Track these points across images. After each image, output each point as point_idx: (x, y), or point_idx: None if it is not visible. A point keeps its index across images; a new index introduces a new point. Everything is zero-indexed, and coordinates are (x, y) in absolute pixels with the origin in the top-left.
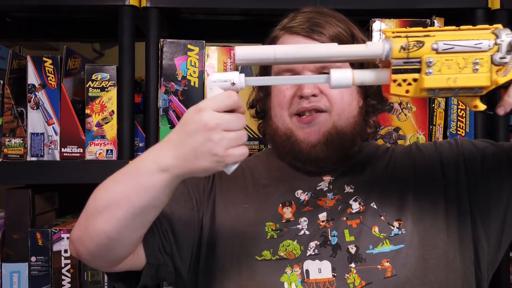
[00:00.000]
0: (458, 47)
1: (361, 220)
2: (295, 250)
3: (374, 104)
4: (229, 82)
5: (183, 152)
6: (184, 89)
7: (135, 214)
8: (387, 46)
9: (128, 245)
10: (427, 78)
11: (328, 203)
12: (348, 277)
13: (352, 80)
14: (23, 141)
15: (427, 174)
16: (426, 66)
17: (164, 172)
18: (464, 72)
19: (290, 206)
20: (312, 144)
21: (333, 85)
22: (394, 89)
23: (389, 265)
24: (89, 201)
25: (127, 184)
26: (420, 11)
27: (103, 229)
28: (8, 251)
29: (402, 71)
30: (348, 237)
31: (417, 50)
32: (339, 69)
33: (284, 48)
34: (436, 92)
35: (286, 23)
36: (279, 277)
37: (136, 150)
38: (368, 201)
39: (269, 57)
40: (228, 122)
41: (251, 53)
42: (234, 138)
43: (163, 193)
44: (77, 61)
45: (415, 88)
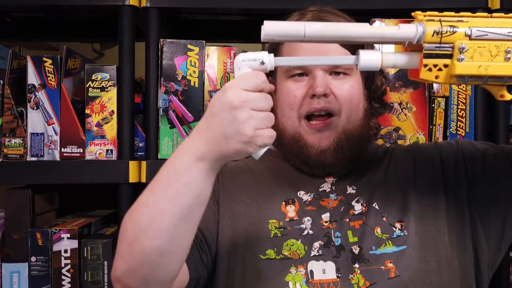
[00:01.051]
0: (491, 34)
1: (363, 221)
2: (299, 250)
3: (376, 108)
4: (258, 61)
5: (212, 135)
6: (184, 89)
7: (184, 216)
8: (421, 29)
9: (181, 256)
10: (458, 65)
11: (331, 204)
12: (352, 277)
13: (381, 62)
14: (23, 141)
15: (428, 175)
16: (459, 52)
17: (201, 161)
18: (496, 60)
19: (293, 204)
20: (322, 150)
21: (361, 66)
22: (424, 74)
23: (393, 265)
24: (124, 227)
25: (166, 189)
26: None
27: (154, 246)
28: (8, 251)
29: (434, 56)
30: (352, 238)
31: (450, 35)
32: (369, 50)
33: (315, 25)
34: (466, 79)
35: (296, 21)
36: (284, 277)
37: (136, 150)
38: (370, 202)
39: (299, 34)
40: (255, 101)
41: (280, 28)
42: (262, 118)
43: (205, 184)
44: (77, 61)
45: (446, 74)
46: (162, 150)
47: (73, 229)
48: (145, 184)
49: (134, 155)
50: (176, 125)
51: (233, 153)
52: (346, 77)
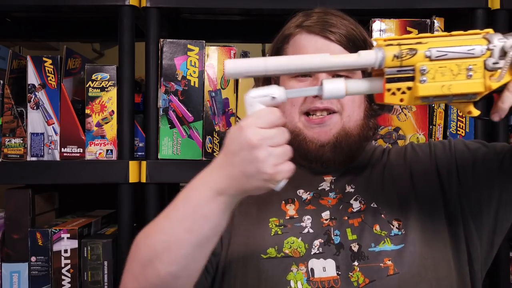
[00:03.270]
0: (451, 54)
1: (362, 218)
2: (300, 248)
3: (375, 109)
4: (269, 97)
5: (232, 173)
6: (184, 89)
7: (200, 245)
8: (380, 55)
9: (195, 277)
10: (421, 86)
11: (330, 202)
12: (352, 275)
13: (345, 90)
14: (23, 141)
15: (423, 176)
16: (420, 74)
17: (220, 196)
18: (458, 79)
19: (293, 203)
20: (321, 144)
21: (325, 96)
22: (388, 98)
23: (391, 263)
24: (138, 248)
25: (184, 218)
26: (420, 11)
27: (169, 272)
28: (8, 251)
29: (396, 80)
30: (350, 235)
31: (410, 58)
32: (331, 79)
33: (276, 60)
34: (431, 99)
35: (302, 22)
36: (285, 275)
37: (136, 150)
38: (368, 200)
39: (261, 70)
40: (272, 138)
41: (241, 66)
42: (280, 154)
43: (223, 217)
44: (77, 61)
45: (410, 96)
46: (162, 150)
47: (73, 229)
48: (145, 184)
49: (134, 155)
50: (176, 125)
51: (254, 190)
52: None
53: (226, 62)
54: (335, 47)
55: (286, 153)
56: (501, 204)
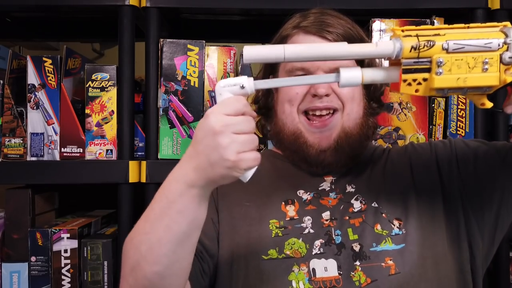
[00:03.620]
0: (468, 47)
1: (363, 218)
2: (301, 248)
3: (374, 107)
4: (238, 86)
5: (198, 163)
6: (184, 89)
7: (180, 241)
8: (398, 46)
9: (182, 277)
10: (437, 78)
11: (331, 202)
12: (353, 275)
13: (361, 78)
14: (23, 141)
15: (424, 174)
16: (437, 66)
17: (192, 188)
18: (474, 72)
19: (293, 204)
20: (322, 150)
21: (342, 84)
22: (404, 89)
23: (392, 263)
24: (126, 253)
25: (161, 217)
26: (420, 11)
27: (154, 271)
28: (8, 251)
29: (412, 71)
30: (352, 235)
31: (427, 50)
32: (349, 68)
33: (294, 47)
34: (446, 91)
35: (299, 22)
36: (287, 276)
37: (136, 150)
38: (369, 199)
39: (279, 57)
40: (236, 124)
41: (260, 52)
42: (244, 142)
43: (199, 210)
44: (77, 61)
45: (425, 88)
46: (162, 150)
47: (73, 229)
48: (145, 184)
49: (134, 155)
50: (176, 125)
51: (219, 178)
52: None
53: (244, 48)
54: None
55: (251, 141)
56: (503, 201)
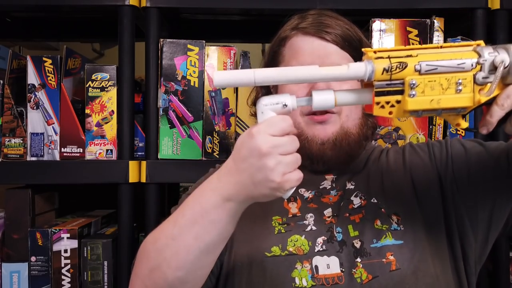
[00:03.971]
0: (441, 68)
1: (363, 214)
2: (304, 245)
3: None
4: (281, 104)
5: (240, 179)
6: (184, 89)
7: (208, 251)
8: (370, 68)
9: (202, 280)
10: (410, 100)
11: (332, 200)
12: (355, 271)
13: (334, 101)
14: (23, 141)
15: (422, 174)
16: (409, 88)
17: (229, 202)
18: (447, 93)
19: (295, 202)
20: (321, 142)
21: (315, 107)
22: (377, 111)
23: (393, 258)
24: (146, 253)
25: (192, 224)
26: (420, 11)
27: (177, 277)
28: (8, 251)
29: (385, 93)
30: (352, 232)
31: (400, 72)
32: (321, 91)
33: (264, 71)
34: (420, 113)
35: (297, 24)
36: (290, 273)
37: (136, 150)
38: (368, 195)
39: (250, 81)
40: (282, 146)
41: (230, 77)
42: (290, 163)
43: (231, 223)
44: (77, 61)
45: (398, 110)
46: (162, 150)
47: (73, 229)
48: (145, 184)
49: (134, 155)
50: (176, 125)
51: (261, 197)
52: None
53: (215, 73)
54: (331, 47)
55: (295, 161)
56: (496, 203)
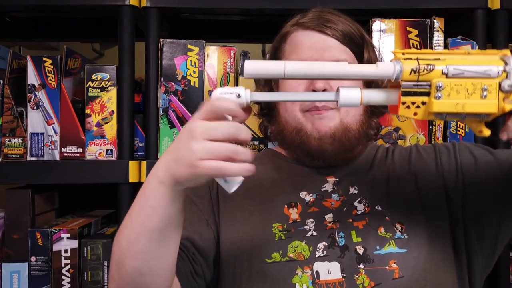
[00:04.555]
0: (468, 73)
1: (366, 221)
2: (304, 251)
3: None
4: (234, 94)
5: (168, 160)
6: (184, 89)
7: (154, 238)
8: (398, 68)
9: (163, 276)
10: (436, 102)
11: (334, 204)
12: (357, 278)
13: (360, 99)
14: (23, 141)
15: (428, 181)
16: (436, 90)
17: (162, 184)
18: (473, 98)
19: (296, 207)
20: (319, 137)
21: (341, 103)
22: (402, 111)
23: (396, 266)
24: (113, 248)
25: (138, 212)
26: (420, 11)
27: (134, 267)
28: (8, 251)
29: (412, 94)
30: (355, 238)
31: (427, 74)
32: (348, 88)
33: (295, 64)
34: (444, 116)
35: (297, 20)
36: (290, 279)
37: (136, 150)
38: (372, 202)
39: (280, 73)
40: (210, 129)
41: (260, 67)
42: (211, 149)
43: (171, 208)
44: (77, 61)
45: (424, 111)
46: (162, 150)
47: (73, 229)
48: None
49: (134, 155)
50: (176, 125)
51: (184, 180)
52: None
53: (246, 62)
54: (331, 41)
55: (222, 151)
56: (505, 215)
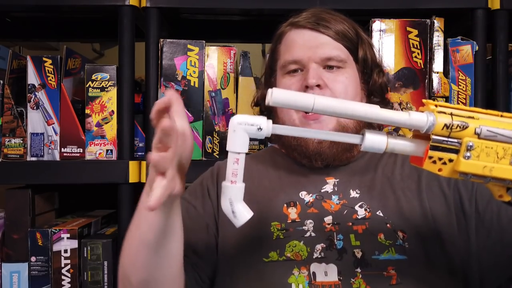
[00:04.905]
0: (501, 137)
1: (367, 226)
2: (302, 251)
3: (376, 102)
4: (255, 127)
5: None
6: (184, 89)
7: (153, 248)
8: (431, 120)
9: (170, 281)
10: (464, 162)
11: (333, 208)
12: (353, 281)
13: (385, 146)
14: (23, 141)
15: (433, 188)
16: (466, 150)
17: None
18: (501, 163)
19: (295, 207)
20: (318, 140)
21: (365, 147)
22: (427, 165)
23: (394, 273)
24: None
25: (135, 227)
26: (420, 11)
27: (137, 279)
28: (8, 251)
29: (440, 149)
30: (354, 241)
31: (460, 131)
32: (375, 132)
33: (325, 100)
34: (469, 176)
35: (291, 20)
36: (287, 278)
37: (136, 150)
38: (374, 208)
39: (308, 106)
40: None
41: (289, 97)
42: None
43: (165, 218)
44: (77, 61)
45: (450, 169)
46: None
47: (73, 229)
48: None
49: (134, 155)
50: None
51: None
52: (340, 70)
53: (274, 90)
54: (324, 38)
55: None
56: None
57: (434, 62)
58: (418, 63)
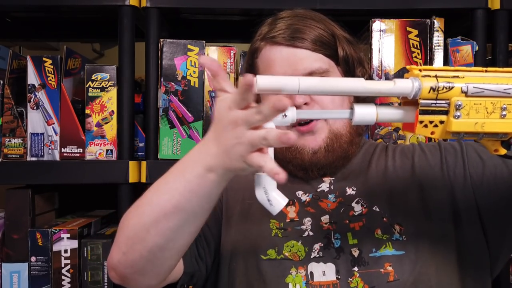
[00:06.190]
0: (488, 91)
1: (364, 222)
2: (300, 251)
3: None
4: (280, 114)
5: (218, 152)
6: (184, 89)
7: (189, 220)
8: (417, 85)
9: (181, 252)
10: (455, 122)
11: (330, 206)
12: (351, 280)
13: (375, 117)
14: (23, 141)
15: (430, 180)
16: (455, 109)
17: (211, 172)
18: (492, 117)
19: (294, 205)
20: (313, 151)
21: (355, 121)
22: (419, 130)
23: (392, 269)
24: (127, 221)
25: (173, 193)
26: (420, 11)
27: (156, 243)
28: (8, 251)
29: (430, 112)
30: (351, 240)
31: (446, 92)
32: (363, 105)
33: (309, 80)
34: (462, 135)
35: (266, 33)
36: (284, 278)
37: (136, 150)
38: (370, 203)
39: (294, 89)
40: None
41: (274, 82)
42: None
43: (213, 194)
44: (77, 61)
45: (442, 130)
46: (162, 150)
47: (73, 229)
48: (145, 184)
49: (134, 155)
50: (176, 125)
51: (239, 170)
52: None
53: (258, 77)
54: (302, 53)
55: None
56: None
57: (434, 62)
58: (418, 63)
